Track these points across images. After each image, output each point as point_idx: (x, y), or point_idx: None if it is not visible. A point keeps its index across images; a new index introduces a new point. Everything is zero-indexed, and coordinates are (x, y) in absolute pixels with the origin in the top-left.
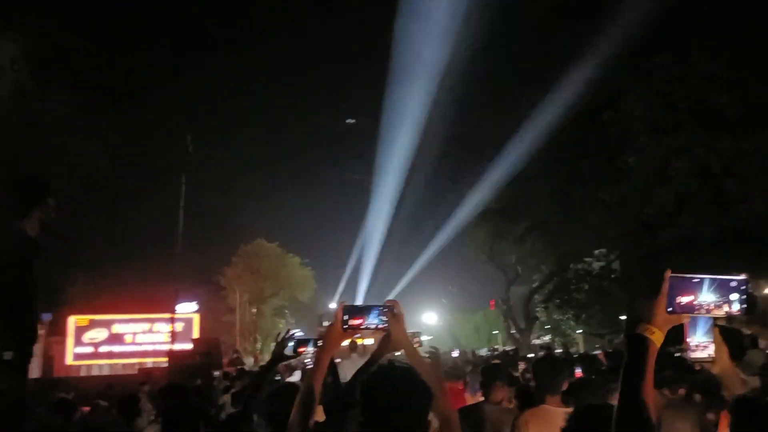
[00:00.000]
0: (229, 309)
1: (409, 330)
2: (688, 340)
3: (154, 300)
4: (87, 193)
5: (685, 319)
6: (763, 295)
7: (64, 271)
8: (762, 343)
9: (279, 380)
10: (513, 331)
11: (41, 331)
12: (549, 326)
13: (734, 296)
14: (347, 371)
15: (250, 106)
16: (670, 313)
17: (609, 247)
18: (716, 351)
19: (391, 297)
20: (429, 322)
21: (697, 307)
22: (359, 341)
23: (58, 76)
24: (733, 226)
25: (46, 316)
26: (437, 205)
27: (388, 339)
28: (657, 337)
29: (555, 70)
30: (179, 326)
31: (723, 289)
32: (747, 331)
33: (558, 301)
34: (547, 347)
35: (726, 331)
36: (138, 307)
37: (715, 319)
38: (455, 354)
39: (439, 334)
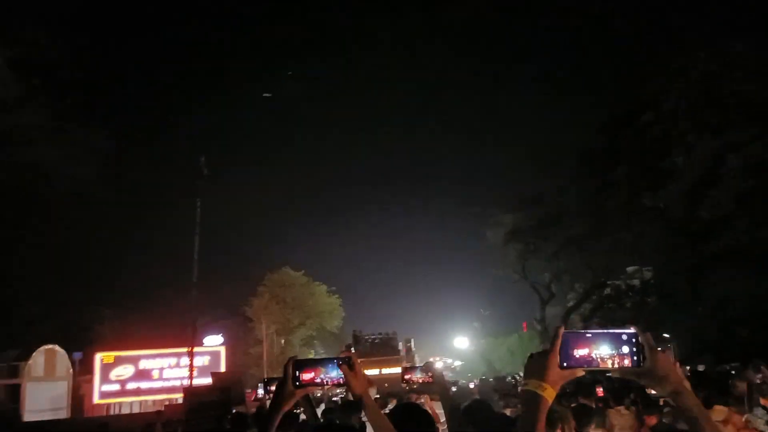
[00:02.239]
0: (257, 341)
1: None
2: None
3: (183, 334)
4: (110, 228)
5: (580, 373)
6: None
7: (92, 309)
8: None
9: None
10: None
11: (70, 370)
12: None
13: (626, 349)
14: None
15: (270, 133)
16: (564, 368)
17: (645, 263)
18: None
19: (420, 323)
20: (460, 346)
21: (591, 361)
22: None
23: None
24: None
25: (77, 355)
26: (466, 225)
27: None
28: (548, 393)
29: (580, 75)
30: (206, 360)
31: (615, 342)
32: (639, 382)
33: (598, 319)
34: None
35: None
36: (167, 341)
37: (610, 371)
38: (472, 385)
39: (472, 358)
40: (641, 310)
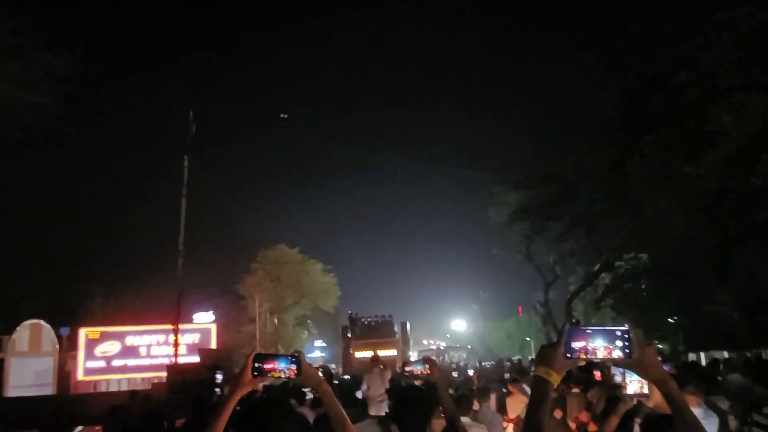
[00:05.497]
0: (250, 319)
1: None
2: (626, 382)
3: (173, 311)
4: (99, 201)
5: (581, 362)
6: None
7: (81, 285)
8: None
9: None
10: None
11: (56, 346)
12: None
13: (618, 343)
14: (371, 383)
15: (265, 107)
16: (567, 358)
17: (664, 242)
18: (650, 389)
19: (417, 305)
20: (458, 329)
21: (588, 352)
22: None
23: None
24: None
25: (64, 331)
26: (467, 204)
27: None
28: (554, 378)
29: (600, 37)
30: (195, 337)
31: (609, 337)
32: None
33: (612, 300)
34: None
35: None
36: (157, 318)
37: (605, 360)
38: (471, 372)
39: (470, 341)
40: (656, 290)
